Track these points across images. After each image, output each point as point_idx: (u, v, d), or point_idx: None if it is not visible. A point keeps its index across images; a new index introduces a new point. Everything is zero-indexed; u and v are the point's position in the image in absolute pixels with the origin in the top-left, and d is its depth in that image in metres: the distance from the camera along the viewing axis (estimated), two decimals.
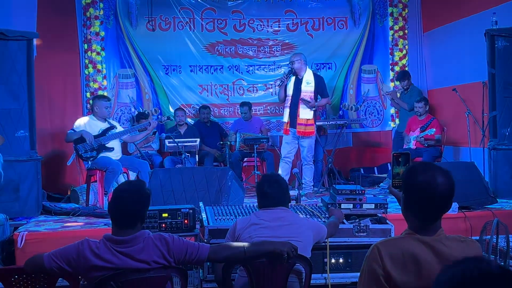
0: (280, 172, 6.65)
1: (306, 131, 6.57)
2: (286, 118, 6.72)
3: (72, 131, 6.18)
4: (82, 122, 6.32)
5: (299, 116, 6.55)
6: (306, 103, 6.52)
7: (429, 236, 2.08)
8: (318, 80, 6.75)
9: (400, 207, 2.23)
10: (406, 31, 8.96)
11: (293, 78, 6.72)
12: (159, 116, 8.25)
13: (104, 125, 6.32)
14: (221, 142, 8.09)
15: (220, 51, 8.72)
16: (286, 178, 6.46)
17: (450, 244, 2.06)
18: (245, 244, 2.90)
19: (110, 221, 2.74)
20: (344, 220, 3.84)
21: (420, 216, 2.10)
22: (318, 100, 6.74)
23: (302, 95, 6.59)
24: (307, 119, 6.54)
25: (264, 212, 3.26)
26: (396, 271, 2.02)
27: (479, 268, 1.28)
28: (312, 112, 6.56)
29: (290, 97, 6.68)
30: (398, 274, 2.02)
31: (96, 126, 6.26)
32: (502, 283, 1.25)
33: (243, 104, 8.27)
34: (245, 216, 3.55)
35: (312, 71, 6.92)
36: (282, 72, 7.84)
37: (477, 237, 4.33)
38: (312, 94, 6.59)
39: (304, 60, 6.74)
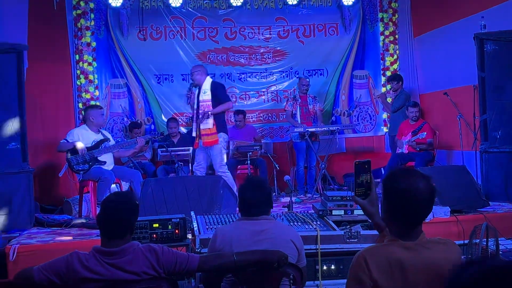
0: None
1: (211, 140, 6.46)
2: (194, 133, 6.67)
3: (65, 141, 6.16)
4: (75, 132, 6.31)
5: (200, 127, 6.50)
6: (203, 119, 6.45)
7: (412, 241, 2.10)
8: (214, 87, 6.62)
9: (365, 216, 2.20)
10: (396, 36, 9.01)
11: (197, 91, 6.65)
12: (153, 131, 8.20)
13: (98, 137, 6.30)
14: None
15: (211, 59, 8.74)
16: None
17: (432, 247, 2.09)
18: (235, 253, 2.89)
19: None
20: (335, 226, 3.85)
21: (402, 221, 2.12)
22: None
23: (201, 105, 6.53)
24: (210, 129, 6.45)
25: (244, 224, 3.13)
26: (383, 278, 2.03)
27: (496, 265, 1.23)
28: (212, 121, 6.44)
29: (196, 110, 6.64)
30: (385, 281, 2.03)
31: (89, 138, 6.25)
32: None
33: (238, 112, 8.28)
34: (224, 227, 3.37)
35: (212, 79, 6.82)
36: None
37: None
38: (210, 103, 6.48)
39: (203, 71, 6.68)
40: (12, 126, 5.66)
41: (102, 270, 2.62)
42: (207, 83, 6.59)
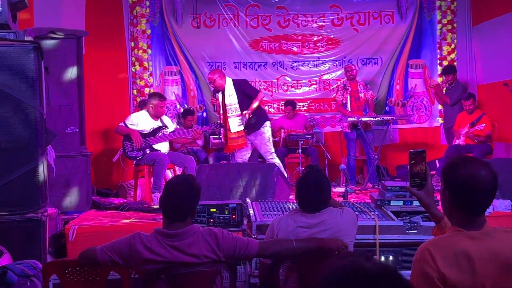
0: None
1: (240, 143, 6.30)
2: (223, 137, 6.46)
3: (124, 125, 6.26)
4: (135, 117, 6.37)
5: (230, 130, 6.28)
6: (243, 120, 6.23)
7: (477, 231, 2.02)
8: (239, 85, 6.37)
9: (421, 206, 2.14)
10: (454, 25, 8.75)
11: (220, 96, 6.44)
12: (212, 124, 8.15)
13: (156, 124, 6.34)
14: None
15: (264, 47, 8.71)
16: None
17: (498, 236, 2.01)
18: (294, 240, 2.86)
19: (159, 216, 2.76)
20: (394, 217, 3.77)
21: (466, 211, 2.04)
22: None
23: (228, 109, 6.31)
24: (238, 132, 6.25)
25: (301, 217, 3.05)
26: (450, 271, 1.95)
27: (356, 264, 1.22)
28: (241, 122, 6.24)
29: (222, 115, 6.44)
30: (453, 274, 1.95)
31: (148, 124, 6.30)
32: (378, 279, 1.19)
33: (286, 104, 8.21)
34: (281, 218, 3.16)
35: (231, 79, 6.51)
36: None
37: None
38: (237, 105, 6.26)
39: (222, 74, 6.44)
40: (71, 110, 5.79)
41: (164, 252, 2.64)
42: (229, 85, 6.38)
